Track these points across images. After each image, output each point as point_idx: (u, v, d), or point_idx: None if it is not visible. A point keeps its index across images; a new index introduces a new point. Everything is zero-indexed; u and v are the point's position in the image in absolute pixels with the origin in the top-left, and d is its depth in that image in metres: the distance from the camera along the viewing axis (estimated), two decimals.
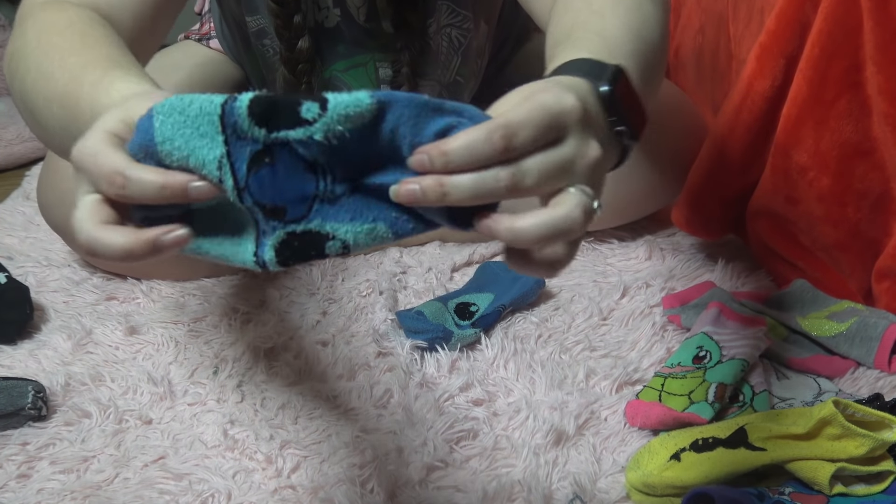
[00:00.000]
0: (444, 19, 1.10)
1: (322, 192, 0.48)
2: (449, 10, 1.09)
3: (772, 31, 0.93)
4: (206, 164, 0.47)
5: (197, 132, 0.47)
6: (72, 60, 0.66)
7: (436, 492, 0.77)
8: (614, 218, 1.17)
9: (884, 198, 0.93)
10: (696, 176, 1.06)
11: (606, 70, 0.55)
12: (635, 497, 0.76)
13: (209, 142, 0.47)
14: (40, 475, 0.81)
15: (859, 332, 0.89)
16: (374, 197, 0.48)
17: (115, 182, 0.47)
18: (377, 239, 0.48)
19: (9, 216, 1.33)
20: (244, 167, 0.47)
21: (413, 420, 0.85)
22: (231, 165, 0.47)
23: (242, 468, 0.81)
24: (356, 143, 0.46)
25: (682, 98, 1.18)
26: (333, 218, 0.48)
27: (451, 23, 1.11)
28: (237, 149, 0.47)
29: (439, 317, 0.97)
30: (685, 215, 1.08)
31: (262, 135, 0.46)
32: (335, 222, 0.48)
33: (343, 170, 0.47)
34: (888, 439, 0.72)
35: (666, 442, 0.78)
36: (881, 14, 0.84)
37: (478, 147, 0.45)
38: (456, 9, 1.10)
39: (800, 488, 0.74)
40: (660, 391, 0.85)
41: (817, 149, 0.93)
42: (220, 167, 0.47)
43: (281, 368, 0.94)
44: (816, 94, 0.91)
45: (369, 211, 0.48)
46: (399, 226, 0.48)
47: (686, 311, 0.99)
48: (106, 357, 0.97)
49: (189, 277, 1.11)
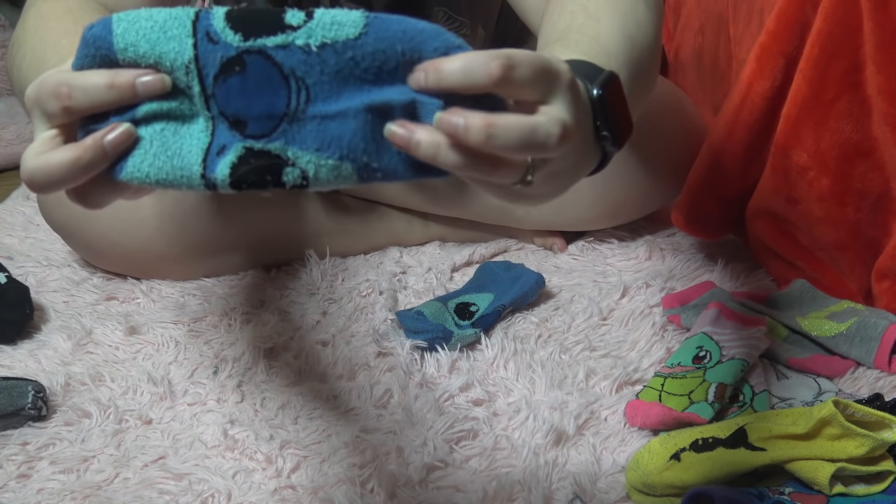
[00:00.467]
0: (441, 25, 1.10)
1: (293, 111, 0.45)
2: (445, 17, 1.09)
3: (772, 31, 0.94)
4: (173, 69, 0.45)
5: (164, 36, 0.45)
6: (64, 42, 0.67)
7: (436, 492, 0.77)
8: (615, 217, 1.17)
9: (884, 198, 0.93)
10: (695, 176, 1.06)
11: (600, 75, 0.55)
12: (635, 497, 0.76)
13: (177, 45, 0.44)
14: (40, 475, 0.81)
15: (859, 332, 0.89)
16: (348, 129, 0.45)
17: (60, 94, 0.45)
18: (340, 178, 0.45)
19: (9, 216, 1.33)
20: (212, 73, 0.44)
21: (413, 420, 0.85)
22: (199, 71, 0.44)
23: (242, 468, 0.81)
24: (338, 60, 0.44)
25: (682, 98, 1.18)
26: (298, 143, 0.45)
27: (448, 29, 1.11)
28: (207, 53, 0.44)
29: (439, 317, 0.97)
30: (685, 215, 1.08)
31: (237, 40, 0.44)
32: (299, 148, 0.45)
33: (320, 89, 0.45)
34: (888, 439, 0.72)
35: (666, 442, 0.78)
36: (881, 14, 0.84)
37: (475, 70, 0.44)
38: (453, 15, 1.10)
39: (800, 488, 0.74)
40: (660, 391, 0.85)
41: (817, 149, 0.93)
42: (187, 72, 0.44)
43: (281, 368, 0.94)
44: (816, 94, 0.91)
45: (339, 144, 0.45)
46: (365, 171, 0.45)
47: (686, 311, 0.99)
48: (106, 357, 0.97)
49: (189, 277, 1.11)
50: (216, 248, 1.10)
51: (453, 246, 1.19)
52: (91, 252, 1.11)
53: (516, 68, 0.45)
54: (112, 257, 1.10)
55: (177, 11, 0.45)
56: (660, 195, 1.15)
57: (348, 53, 0.44)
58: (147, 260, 1.09)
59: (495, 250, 1.17)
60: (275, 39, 0.44)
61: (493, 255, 1.16)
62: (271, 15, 0.44)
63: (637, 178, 1.11)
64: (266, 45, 0.44)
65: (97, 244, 1.08)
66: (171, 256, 1.09)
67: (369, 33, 0.44)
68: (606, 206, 1.14)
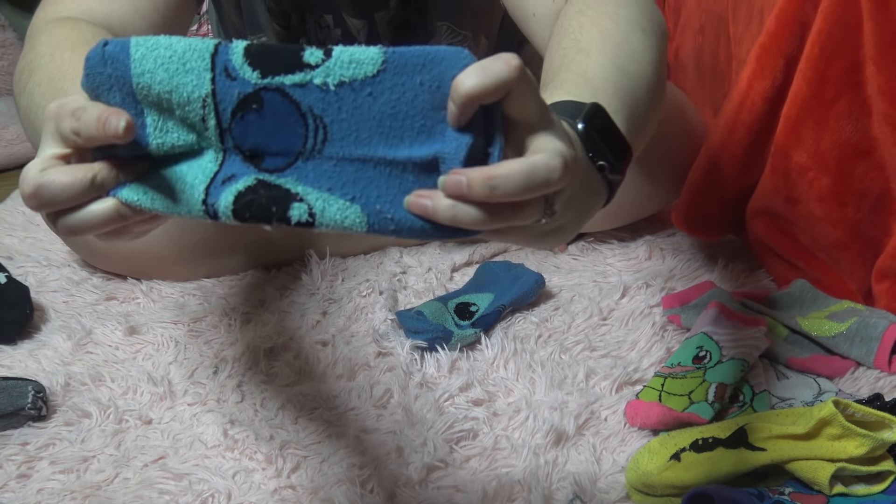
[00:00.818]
0: (444, 40, 1.10)
1: (309, 149, 0.45)
2: (449, 31, 1.09)
3: (772, 31, 0.94)
4: (189, 100, 0.44)
5: (183, 67, 0.44)
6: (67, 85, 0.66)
7: (436, 492, 0.77)
8: (615, 219, 1.17)
9: (884, 198, 0.93)
10: (695, 176, 1.06)
11: (581, 109, 0.56)
12: (635, 497, 0.76)
13: (195, 78, 0.44)
14: (40, 475, 0.81)
15: (859, 332, 0.89)
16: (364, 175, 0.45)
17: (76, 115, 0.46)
18: (347, 222, 0.45)
19: (9, 216, 1.33)
20: (230, 109, 0.44)
21: (413, 420, 0.85)
22: (216, 106, 0.44)
23: (242, 468, 0.81)
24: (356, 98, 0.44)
25: (683, 99, 1.18)
26: (311, 181, 0.45)
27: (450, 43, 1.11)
28: (224, 89, 0.44)
29: (439, 317, 0.97)
30: (685, 215, 1.08)
31: (255, 77, 0.44)
32: (309, 186, 0.45)
33: (338, 128, 0.44)
34: (888, 439, 0.72)
35: (666, 442, 0.78)
36: (881, 14, 0.85)
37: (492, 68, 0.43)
38: (455, 29, 1.10)
39: (800, 488, 0.74)
40: (660, 391, 0.85)
41: (817, 149, 0.93)
42: (203, 105, 0.44)
43: (281, 368, 0.94)
44: (816, 94, 0.91)
45: (351, 187, 0.45)
46: (377, 219, 0.45)
47: (686, 311, 0.99)
48: (106, 357, 0.97)
49: (189, 277, 1.11)
50: (216, 248, 1.10)
51: (453, 246, 1.19)
52: (91, 253, 1.11)
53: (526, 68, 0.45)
54: (112, 258, 1.10)
55: (196, 43, 0.44)
56: (660, 197, 1.15)
57: (366, 90, 0.44)
58: (147, 261, 1.09)
59: (495, 250, 1.17)
60: (293, 78, 0.44)
61: (493, 255, 1.16)
62: (290, 52, 0.44)
63: (638, 181, 1.11)
64: (284, 84, 0.44)
65: (97, 245, 1.08)
66: (170, 257, 1.09)
67: (387, 69, 0.44)
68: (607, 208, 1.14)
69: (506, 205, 0.45)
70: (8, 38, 1.65)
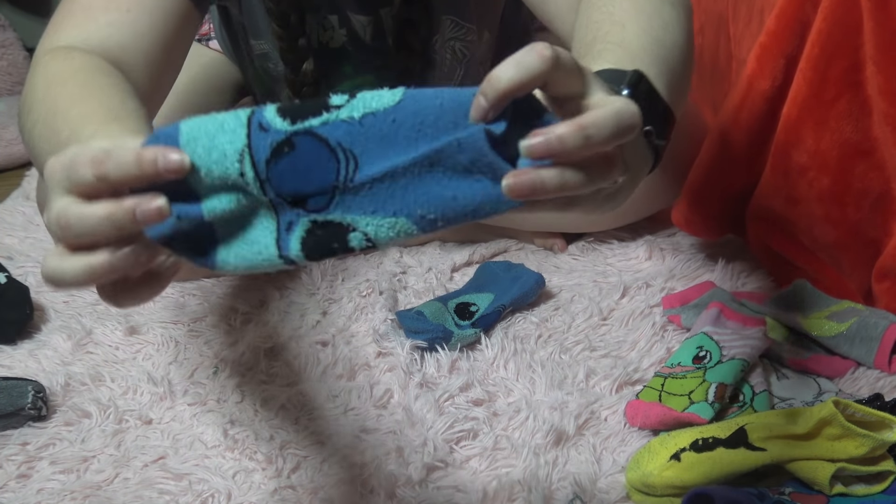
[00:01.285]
0: (449, 33, 1.10)
1: (343, 181, 0.48)
2: (453, 25, 1.09)
3: (772, 31, 0.94)
4: (227, 155, 0.47)
5: (221, 129, 0.47)
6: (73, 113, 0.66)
7: (436, 492, 0.77)
8: (615, 219, 1.16)
9: (884, 198, 0.93)
10: (696, 176, 1.06)
11: (625, 76, 0.57)
12: (635, 497, 0.76)
13: (231, 136, 0.47)
14: (40, 475, 0.81)
15: (859, 332, 0.89)
16: (398, 186, 0.48)
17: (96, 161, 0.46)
18: (401, 233, 0.48)
19: (9, 216, 1.33)
20: (264, 158, 0.47)
21: (413, 420, 0.85)
22: (251, 157, 0.47)
23: (242, 468, 0.81)
24: (380, 126, 0.47)
25: None
26: (355, 209, 0.48)
27: (455, 36, 1.11)
28: (259, 141, 0.47)
29: (439, 317, 0.97)
30: (685, 215, 1.08)
31: (286, 126, 0.47)
32: (356, 214, 0.48)
33: (367, 157, 0.47)
34: (888, 439, 0.72)
35: (666, 442, 0.78)
36: (881, 14, 0.85)
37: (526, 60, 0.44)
38: (460, 22, 1.10)
39: (800, 488, 0.74)
40: (660, 391, 0.85)
41: (817, 149, 0.93)
42: (240, 159, 0.47)
43: (281, 368, 0.94)
44: (816, 94, 0.91)
45: (392, 203, 0.48)
46: (424, 223, 0.48)
47: (686, 311, 0.99)
48: (106, 357, 0.97)
49: (189, 277, 1.11)
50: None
51: (453, 246, 1.19)
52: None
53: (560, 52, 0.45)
54: None
55: (237, 111, 0.48)
56: (661, 196, 1.15)
57: (390, 118, 0.47)
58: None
59: (495, 250, 1.17)
60: (320, 119, 0.47)
61: (493, 255, 1.16)
62: (317, 100, 0.47)
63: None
64: (312, 125, 0.47)
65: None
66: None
67: (406, 99, 0.47)
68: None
69: (599, 160, 0.45)
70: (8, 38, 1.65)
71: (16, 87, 1.68)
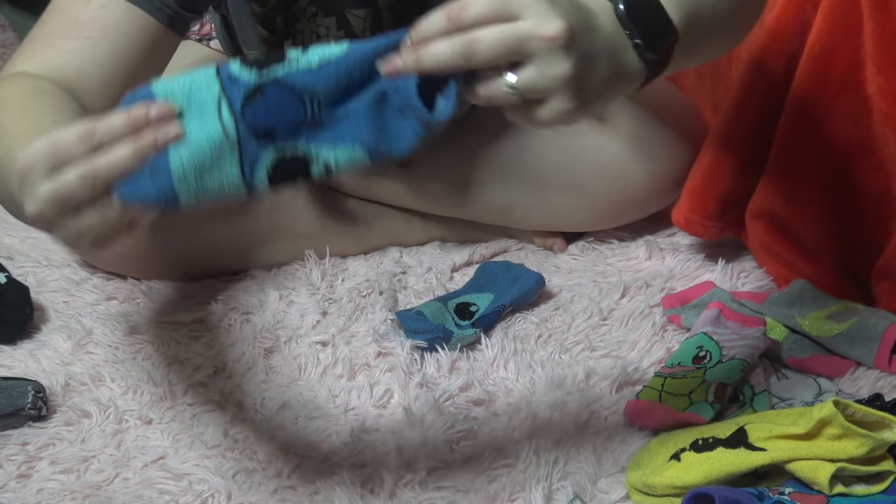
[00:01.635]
0: None
1: (310, 118, 0.57)
2: None
3: (772, 30, 0.94)
4: (206, 103, 0.56)
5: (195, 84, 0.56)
6: (10, 131, 0.70)
7: (436, 492, 0.77)
8: (614, 218, 1.16)
9: (884, 198, 0.93)
10: (696, 176, 1.06)
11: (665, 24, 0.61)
12: (635, 497, 0.76)
13: (206, 88, 0.56)
14: (40, 475, 0.81)
15: (859, 332, 0.89)
16: (354, 122, 0.58)
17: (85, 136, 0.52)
18: (356, 161, 0.58)
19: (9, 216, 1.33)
20: (239, 101, 0.56)
21: (413, 420, 0.85)
22: (228, 101, 0.56)
23: (242, 468, 0.81)
24: (336, 71, 0.57)
25: (681, 98, 1.18)
26: (318, 141, 0.57)
27: None
28: (232, 90, 0.56)
29: (439, 317, 0.97)
30: (685, 215, 1.08)
31: (254, 74, 0.57)
32: (319, 144, 0.58)
33: (326, 98, 0.57)
34: (888, 439, 0.72)
35: (666, 442, 0.78)
36: (881, 14, 0.85)
37: (436, 22, 0.54)
38: None
39: (800, 488, 0.73)
40: (660, 391, 0.85)
41: (817, 148, 0.93)
42: (218, 105, 0.56)
43: (281, 368, 0.94)
44: (816, 94, 0.91)
45: (348, 134, 0.57)
46: (375, 150, 0.58)
47: (686, 311, 0.99)
48: (106, 357, 0.97)
49: (189, 278, 1.11)
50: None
51: (453, 246, 1.19)
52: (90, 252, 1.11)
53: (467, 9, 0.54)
54: (111, 257, 1.10)
55: (203, 69, 0.57)
56: (660, 197, 1.15)
57: (342, 65, 0.57)
58: (146, 259, 1.09)
59: (495, 250, 1.17)
60: (282, 69, 0.57)
61: (493, 255, 1.16)
62: (276, 54, 0.57)
63: (637, 181, 1.11)
64: (277, 75, 0.57)
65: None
66: (169, 256, 1.08)
67: (352, 49, 0.57)
68: (607, 208, 1.14)
69: (513, 31, 0.53)
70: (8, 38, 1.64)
71: None
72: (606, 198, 1.12)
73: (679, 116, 1.13)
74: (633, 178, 1.11)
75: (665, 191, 1.14)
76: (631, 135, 1.09)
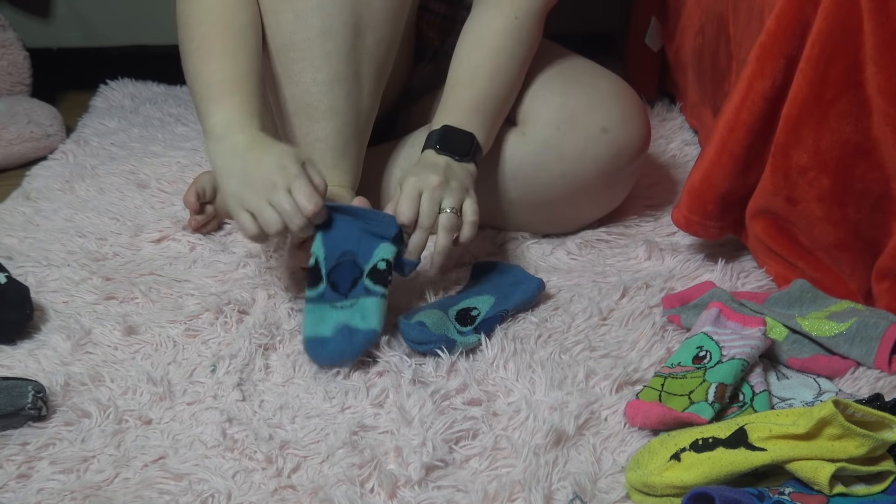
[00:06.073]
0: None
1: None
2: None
3: (772, 31, 0.94)
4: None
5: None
6: (212, 68, 0.97)
7: (436, 492, 0.77)
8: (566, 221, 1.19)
9: (884, 198, 0.93)
10: (696, 176, 1.06)
11: (437, 133, 1.04)
12: (635, 497, 0.76)
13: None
14: (40, 475, 0.81)
15: (859, 332, 0.89)
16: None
17: (302, 227, 0.92)
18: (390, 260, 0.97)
19: (9, 216, 1.32)
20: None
21: (412, 420, 0.85)
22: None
23: (242, 468, 0.81)
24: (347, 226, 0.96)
25: (605, 89, 1.15)
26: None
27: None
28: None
29: (441, 326, 0.95)
30: (685, 215, 1.08)
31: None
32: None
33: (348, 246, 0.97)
34: (888, 439, 0.72)
35: (666, 442, 0.78)
36: (881, 14, 0.85)
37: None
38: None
39: (800, 488, 0.74)
40: (660, 391, 0.85)
41: (817, 149, 0.93)
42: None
43: (279, 368, 0.94)
44: (816, 94, 0.91)
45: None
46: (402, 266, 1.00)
47: (686, 311, 0.99)
48: (105, 357, 0.97)
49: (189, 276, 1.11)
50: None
51: None
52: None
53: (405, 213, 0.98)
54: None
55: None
56: (592, 194, 1.16)
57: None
58: None
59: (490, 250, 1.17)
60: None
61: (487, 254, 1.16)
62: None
63: (551, 181, 1.13)
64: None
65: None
66: None
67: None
68: (538, 210, 1.17)
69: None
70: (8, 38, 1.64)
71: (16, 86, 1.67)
72: (529, 200, 1.15)
73: (596, 110, 1.12)
74: (548, 179, 1.12)
75: (597, 188, 1.14)
76: (540, 139, 1.11)
